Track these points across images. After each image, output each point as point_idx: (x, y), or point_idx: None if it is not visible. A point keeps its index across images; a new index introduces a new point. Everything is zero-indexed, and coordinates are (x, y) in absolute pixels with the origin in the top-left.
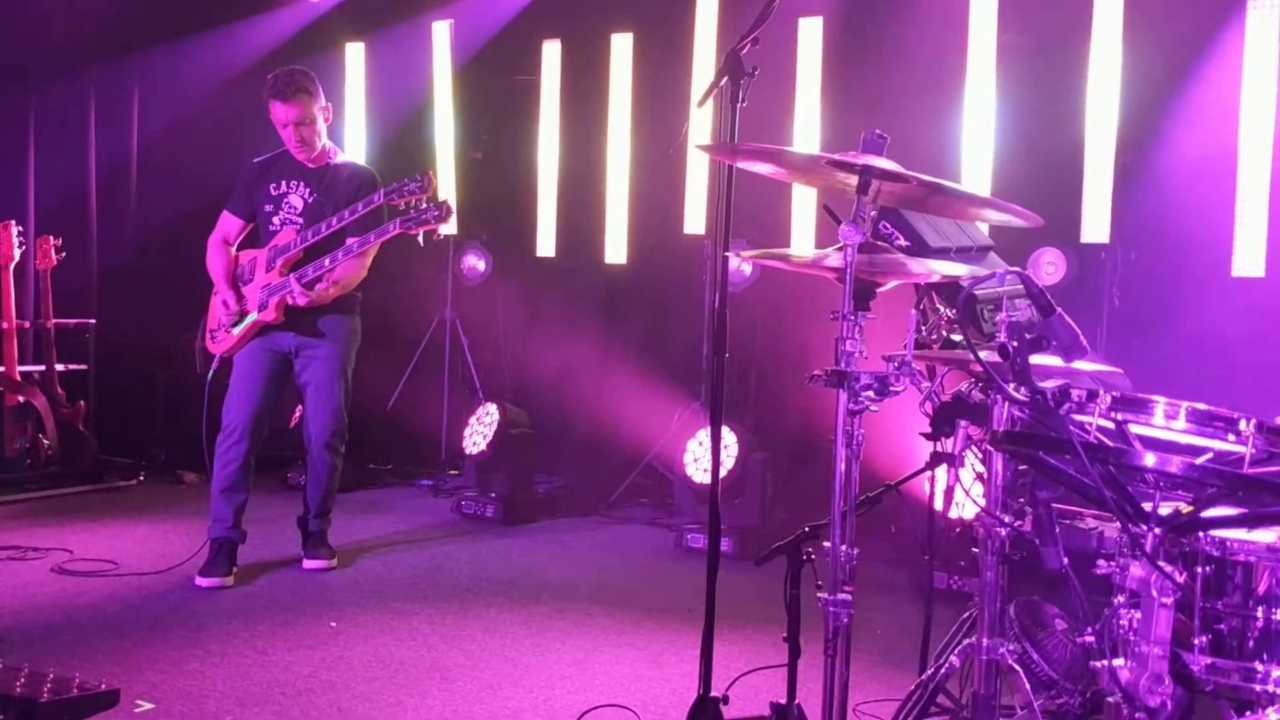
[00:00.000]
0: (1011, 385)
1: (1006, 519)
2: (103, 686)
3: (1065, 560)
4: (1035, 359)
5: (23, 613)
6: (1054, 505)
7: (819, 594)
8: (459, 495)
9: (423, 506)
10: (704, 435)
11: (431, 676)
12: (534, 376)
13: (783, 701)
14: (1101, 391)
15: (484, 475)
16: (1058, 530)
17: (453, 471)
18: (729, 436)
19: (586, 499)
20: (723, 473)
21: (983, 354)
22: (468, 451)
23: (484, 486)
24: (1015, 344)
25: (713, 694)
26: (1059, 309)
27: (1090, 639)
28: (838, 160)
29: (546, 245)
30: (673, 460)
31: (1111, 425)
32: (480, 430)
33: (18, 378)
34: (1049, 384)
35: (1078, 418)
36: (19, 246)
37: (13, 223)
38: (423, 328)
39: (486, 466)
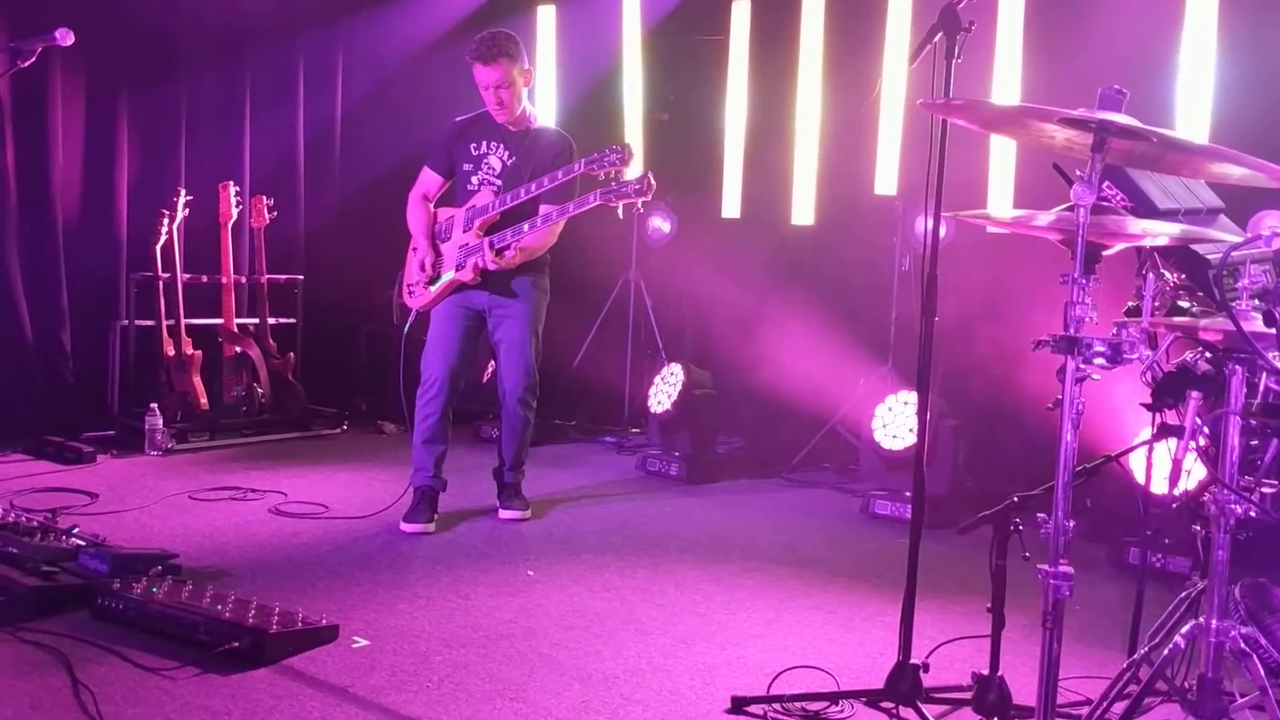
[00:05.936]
0: (1273, 355)
1: (1247, 495)
2: (324, 622)
3: None
4: None
5: (246, 549)
6: None
7: (1038, 565)
8: (643, 453)
9: (607, 463)
10: (893, 401)
11: (626, 628)
12: (716, 338)
13: (984, 672)
14: None
15: (668, 434)
16: None
17: (634, 430)
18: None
19: (768, 461)
20: (914, 440)
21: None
22: (652, 410)
23: (668, 445)
24: None
25: (912, 661)
26: None
27: None
28: (1073, 117)
29: (732, 206)
30: (859, 425)
31: None
32: (665, 390)
33: (235, 330)
34: None
35: None
36: (236, 206)
37: (231, 183)
38: (608, 287)
39: (670, 425)
